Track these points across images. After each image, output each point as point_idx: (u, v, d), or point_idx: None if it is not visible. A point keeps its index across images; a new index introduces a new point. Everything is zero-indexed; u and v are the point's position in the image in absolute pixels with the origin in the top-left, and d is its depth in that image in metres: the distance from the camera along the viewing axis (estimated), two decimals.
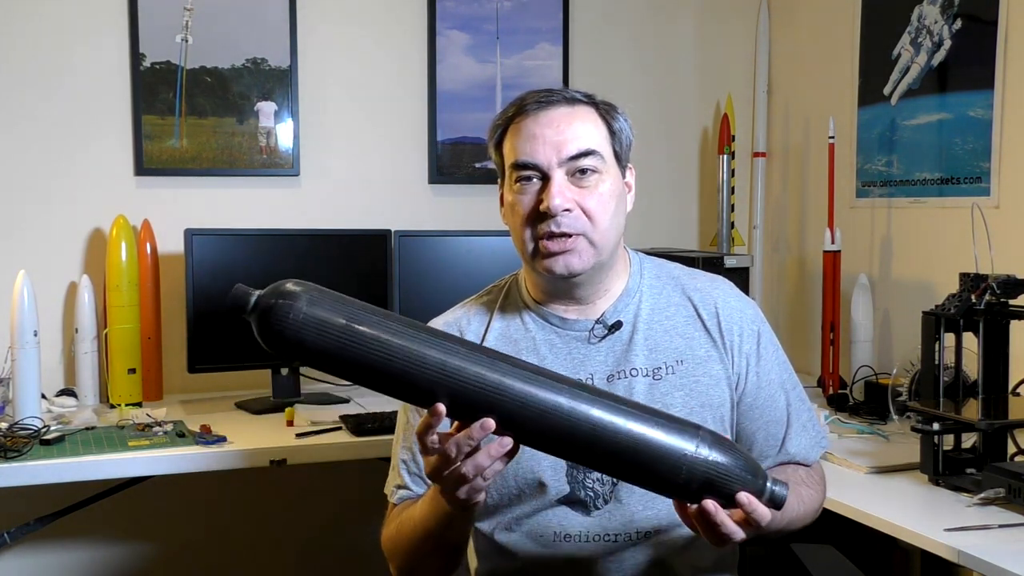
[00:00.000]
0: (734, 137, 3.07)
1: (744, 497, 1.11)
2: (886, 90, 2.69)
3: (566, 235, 1.34)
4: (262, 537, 2.83)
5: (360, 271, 2.65)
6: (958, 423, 1.85)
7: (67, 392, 2.54)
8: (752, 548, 1.53)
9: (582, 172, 1.34)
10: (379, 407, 2.37)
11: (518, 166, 1.36)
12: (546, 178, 1.34)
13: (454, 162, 2.96)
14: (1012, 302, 1.91)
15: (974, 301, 1.90)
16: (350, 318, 1.09)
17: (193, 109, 2.70)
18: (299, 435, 2.21)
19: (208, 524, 2.79)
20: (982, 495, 1.74)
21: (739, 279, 2.50)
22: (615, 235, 1.39)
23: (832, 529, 1.75)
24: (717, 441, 1.12)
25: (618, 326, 1.42)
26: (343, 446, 2.19)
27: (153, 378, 2.58)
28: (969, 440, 1.92)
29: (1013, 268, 1.94)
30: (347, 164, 2.87)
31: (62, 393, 2.53)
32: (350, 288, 2.57)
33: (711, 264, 2.55)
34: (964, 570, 1.69)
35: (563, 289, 1.42)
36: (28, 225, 2.59)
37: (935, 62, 2.53)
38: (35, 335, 2.21)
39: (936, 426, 1.83)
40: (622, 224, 1.41)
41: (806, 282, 3.04)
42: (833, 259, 2.66)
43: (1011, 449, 1.92)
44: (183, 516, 2.75)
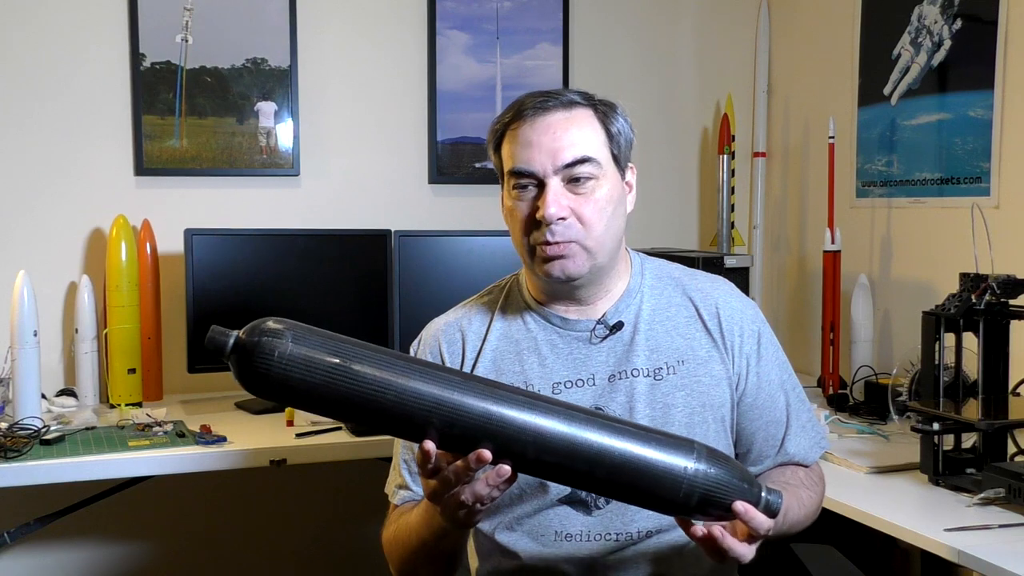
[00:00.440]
0: (734, 137, 3.07)
1: (740, 506, 1.11)
2: (886, 90, 2.69)
3: (561, 241, 1.34)
4: (262, 537, 2.83)
5: (360, 271, 2.65)
6: (958, 423, 1.85)
7: (67, 392, 2.54)
8: None
9: (578, 179, 1.34)
10: None
11: (515, 173, 1.37)
12: (542, 185, 1.34)
13: (454, 162, 2.96)
14: (1012, 302, 1.91)
15: (974, 301, 1.90)
16: (340, 354, 1.05)
17: (193, 109, 2.70)
18: (299, 435, 2.21)
19: (208, 524, 2.78)
20: (982, 495, 1.74)
21: (739, 279, 2.50)
22: (612, 239, 1.38)
23: (832, 529, 1.76)
24: (712, 454, 1.13)
25: (619, 326, 1.42)
26: (343, 446, 2.19)
27: (153, 378, 2.58)
28: (969, 440, 1.92)
29: (1013, 268, 1.94)
30: (347, 164, 2.87)
31: (62, 393, 2.53)
32: (350, 288, 2.65)
33: (711, 264, 2.55)
34: (964, 570, 1.69)
35: (563, 291, 1.42)
36: (28, 225, 2.59)
37: (935, 62, 2.53)
38: (35, 335, 2.21)
39: (936, 426, 1.83)
40: (621, 227, 1.41)
41: (806, 282, 3.04)
42: (833, 259, 2.66)
43: (1011, 449, 1.92)
44: (183, 516, 2.75)
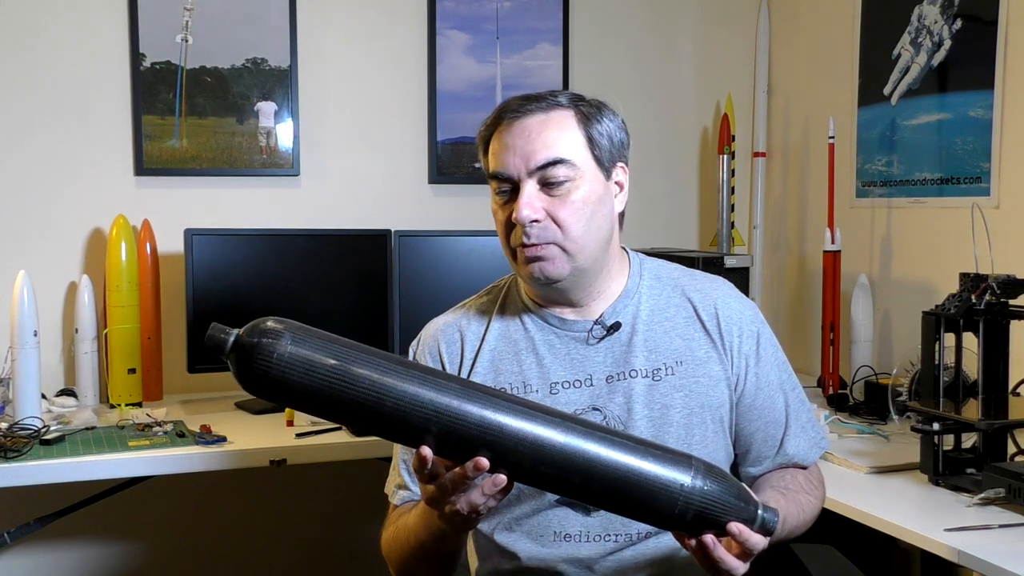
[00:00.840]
0: (734, 137, 3.07)
1: (735, 527, 1.11)
2: (886, 90, 2.69)
3: (537, 243, 1.34)
4: (262, 537, 2.83)
5: (360, 271, 2.65)
6: (958, 423, 1.84)
7: (67, 392, 2.54)
8: None
9: (553, 181, 1.34)
10: None
11: (493, 177, 1.38)
12: (518, 188, 1.35)
13: (454, 162, 2.96)
14: (1012, 302, 1.91)
15: (974, 301, 1.90)
16: (339, 356, 1.05)
17: (193, 109, 2.70)
18: (299, 435, 2.21)
19: (208, 524, 2.79)
20: (982, 495, 1.73)
21: (739, 279, 2.50)
22: (594, 241, 1.37)
23: (832, 529, 1.75)
24: (710, 471, 1.12)
25: (617, 327, 1.41)
26: (343, 446, 2.19)
27: (153, 378, 2.58)
28: (969, 440, 1.92)
29: (1013, 268, 1.94)
30: (347, 164, 2.87)
31: (62, 393, 2.53)
32: (350, 288, 2.65)
33: (711, 264, 2.54)
34: (964, 570, 1.69)
35: (551, 294, 1.42)
36: (28, 225, 2.59)
37: (935, 62, 2.53)
38: (35, 335, 2.21)
39: (936, 426, 1.83)
40: (605, 228, 1.40)
41: (806, 282, 3.04)
42: (833, 259, 2.66)
43: (1011, 449, 1.92)
44: (183, 516, 2.75)
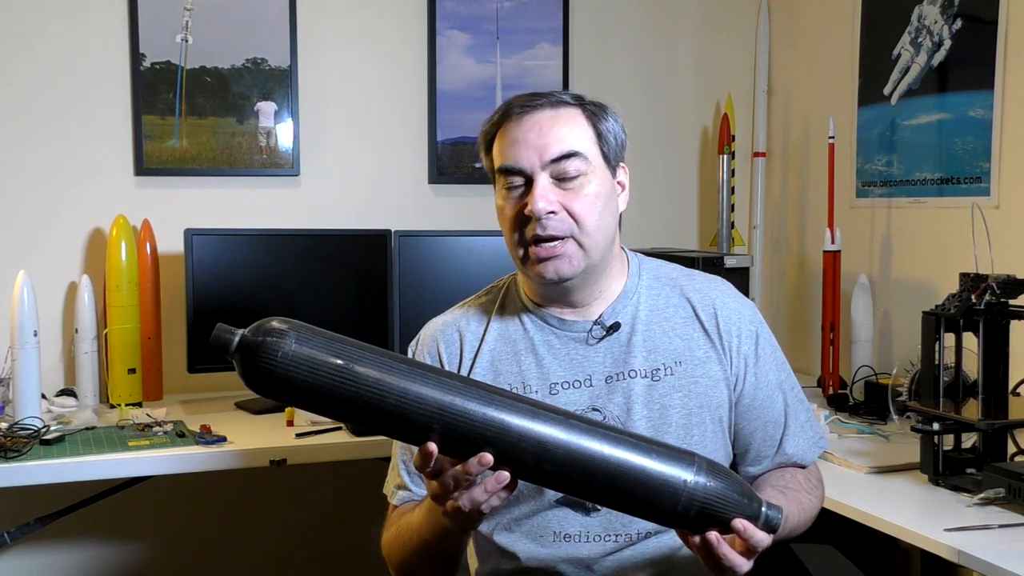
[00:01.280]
0: (734, 137, 3.07)
1: (739, 524, 1.11)
2: (886, 90, 2.69)
3: (554, 238, 1.34)
4: (262, 537, 2.83)
5: (360, 271, 2.65)
6: (958, 423, 1.84)
7: (67, 392, 2.54)
8: None
9: (566, 175, 1.34)
10: None
11: (503, 171, 1.37)
12: (531, 182, 1.34)
13: (454, 162, 2.96)
14: (1012, 302, 1.91)
15: (974, 301, 1.90)
16: (343, 355, 1.06)
17: (193, 109, 2.70)
18: (299, 435, 2.21)
19: (208, 524, 2.79)
20: (982, 495, 1.73)
21: (739, 279, 2.50)
22: (604, 237, 1.38)
23: (832, 529, 1.75)
24: (712, 468, 1.12)
25: (616, 327, 1.41)
26: (343, 446, 2.19)
27: (153, 378, 2.58)
28: (969, 440, 1.92)
29: (1013, 268, 1.94)
30: (347, 164, 2.87)
31: (62, 393, 2.53)
32: (350, 288, 2.65)
33: (711, 264, 2.54)
34: (964, 570, 1.69)
35: (556, 293, 1.42)
36: (28, 225, 2.59)
37: (935, 62, 2.53)
38: (35, 335, 2.21)
39: (936, 426, 1.83)
40: (612, 225, 1.40)
41: (806, 282, 3.04)
42: (833, 259, 2.66)
43: (1011, 449, 1.92)
44: (183, 516, 2.75)
